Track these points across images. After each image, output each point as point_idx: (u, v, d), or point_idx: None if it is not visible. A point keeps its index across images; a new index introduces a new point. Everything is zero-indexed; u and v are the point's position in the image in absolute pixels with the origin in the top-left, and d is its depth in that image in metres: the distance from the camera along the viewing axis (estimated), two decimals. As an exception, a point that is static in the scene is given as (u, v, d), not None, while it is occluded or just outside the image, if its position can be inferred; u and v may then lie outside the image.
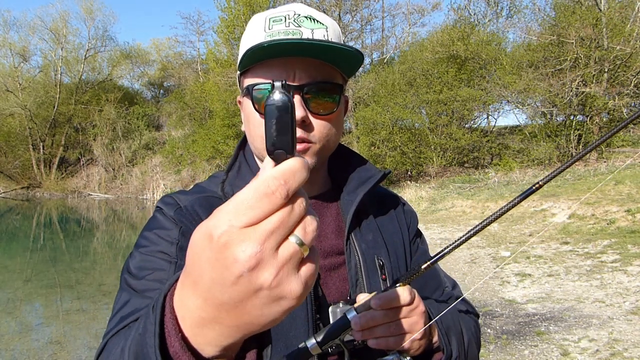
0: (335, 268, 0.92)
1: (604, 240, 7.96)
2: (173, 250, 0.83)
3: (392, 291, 0.78)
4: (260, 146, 0.87)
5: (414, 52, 22.22)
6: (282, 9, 0.86)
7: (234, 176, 0.95)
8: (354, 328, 0.76)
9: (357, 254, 0.91)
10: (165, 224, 0.87)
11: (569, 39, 15.80)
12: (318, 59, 0.83)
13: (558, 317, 5.20)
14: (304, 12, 0.86)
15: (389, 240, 0.98)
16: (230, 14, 26.17)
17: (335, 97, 0.87)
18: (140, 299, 0.76)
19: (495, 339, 4.72)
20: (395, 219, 1.04)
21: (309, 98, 0.84)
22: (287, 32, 0.83)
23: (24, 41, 35.77)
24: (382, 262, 0.93)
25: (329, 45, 0.80)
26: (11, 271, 10.10)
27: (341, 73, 0.89)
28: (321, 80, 0.84)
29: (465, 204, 12.96)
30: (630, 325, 4.80)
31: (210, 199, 0.90)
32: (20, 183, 32.83)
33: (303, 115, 0.82)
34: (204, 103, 29.25)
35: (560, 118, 17.78)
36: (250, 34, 0.88)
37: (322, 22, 0.86)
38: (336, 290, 0.89)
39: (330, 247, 0.92)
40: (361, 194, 0.94)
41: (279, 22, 0.84)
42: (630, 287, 5.96)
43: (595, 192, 10.38)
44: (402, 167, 20.31)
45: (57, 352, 5.43)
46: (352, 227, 0.93)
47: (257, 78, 0.85)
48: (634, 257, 6.95)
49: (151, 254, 0.84)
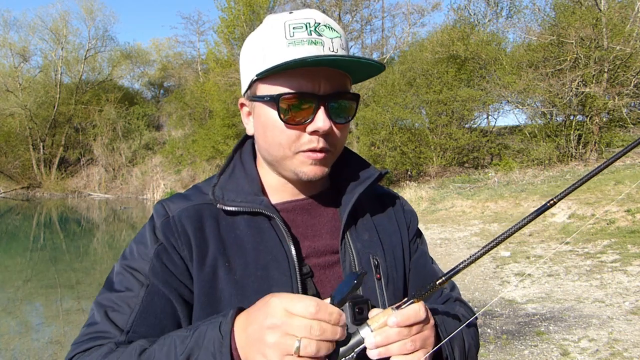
0: (330, 267, 0.93)
1: (604, 240, 7.96)
2: (146, 269, 0.87)
3: (409, 308, 0.77)
4: (281, 154, 0.88)
5: (413, 52, 22.20)
6: (301, 16, 0.86)
7: (225, 180, 0.95)
8: (368, 346, 0.75)
9: (352, 253, 0.92)
10: (146, 240, 0.90)
11: (568, 39, 15.79)
12: (342, 70, 0.86)
13: (558, 317, 5.20)
14: (323, 21, 0.86)
15: (385, 240, 0.99)
16: (230, 14, 26.21)
17: (353, 106, 0.90)
18: (109, 325, 0.84)
19: (495, 339, 4.72)
20: (394, 219, 1.04)
21: (332, 108, 0.86)
22: (310, 40, 0.83)
23: (24, 41, 35.84)
24: (377, 262, 0.94)
25: (360, 61, 0.82)
26: (11, 271, 10.10)
27: (350, 80, 0.91)
28: (342, 90, 0.87)
29: (465, 204, 12.97)
30: (630, 325, 4.80)
31: (199, 208, 0.91)
32: (20, 183, 32.83)
33: (329, 127, 0.85)
34: (204, 103, 29.28)
35: (560, 118, 17.77)
36: (267, 39, 0.86)
37: (337, 30, 0.87)
38: (331, 289, 0.89)
39: (326, 246, 0.94)
40: (357, 194, 0.95)
41: (300, 29, 0.84)
42: (630, 287, 5.96)
43: (595, 192, 10.39)
44: (402, 167, 20.31)
45: (57, 352, 5.43)
46: (347, 227, 0.94)
47: (282, 86, 0.84)
48: (634, 257, 6.95)
49: (128, 269, 0.89)
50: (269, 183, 0.97)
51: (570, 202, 10.02)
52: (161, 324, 0.84)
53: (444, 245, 9.35)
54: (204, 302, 0.86)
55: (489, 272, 7.30)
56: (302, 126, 0.85)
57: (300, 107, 0.84)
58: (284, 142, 0.86)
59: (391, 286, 0.95)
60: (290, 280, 0.87)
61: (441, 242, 9.65)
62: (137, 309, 0.84)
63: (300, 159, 0.87)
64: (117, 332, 0.83)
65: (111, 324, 0.84)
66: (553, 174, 14.88)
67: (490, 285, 6.69)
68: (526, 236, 9.17)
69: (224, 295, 0.86)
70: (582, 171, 14.22)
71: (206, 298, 0.86)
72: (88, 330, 0.85)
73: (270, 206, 0.91)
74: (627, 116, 16.25)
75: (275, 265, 0.87)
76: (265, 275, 0.87)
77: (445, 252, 8.77)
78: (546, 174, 15.00)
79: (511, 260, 7.81)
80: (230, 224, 0.91)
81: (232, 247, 0.89)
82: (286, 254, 0.88)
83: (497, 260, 7.93)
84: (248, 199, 0.91)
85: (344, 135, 0.91)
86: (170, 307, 0.85)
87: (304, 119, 0.84)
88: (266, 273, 0.87)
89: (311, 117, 0.84)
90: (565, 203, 10.15)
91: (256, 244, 0.89)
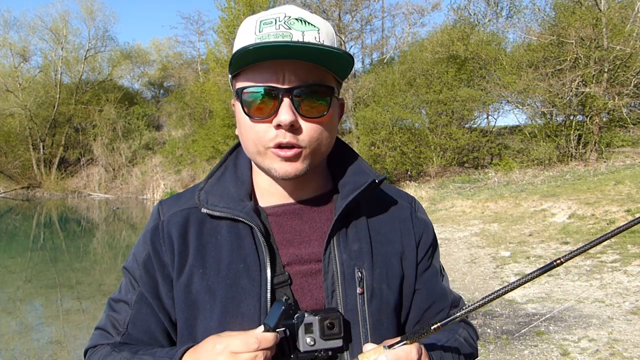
0: (313, 275, 0.90)
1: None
2: (137, 275, 0.94)
3: (401, 349, 0.76)
4: (253, 150, 0.87)
5: (413, 52, 22.21)
6: (274, 12, 0.85)
7: (212, 184, 0.95)
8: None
9: (336, 264, 0.88)
10: (140, 245, 0.96)
11: (568, 39, 15.79)
12: (308, 62, 0.81)
13: (558, 317, 5.20)
14: (295, 14, 0.84)
15: (379, 250, 0.93)
16: (230, 14, 26.18)
17: (326, 100, 0.85)
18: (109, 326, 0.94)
19: (495, 339, 4.72)
20: (398, 228, 0.97)
21: (298, 101, 0.82)
22: (277, 34, 0.81)
23: (24, 41, 35.79)
24: (361, 274, 0.89)
25: (317, 48, 0.79)
26: (11, 271, 10.10)
27: (334, 76, 0.87)
28: (312, 82, 0.83)
29: (465, 204, 12.96)
30: (630, 325, 4.80)
31: (187, 213, 0.93)
32: (20, 183, 32.82)
33: (292, 120, 0.81)
34: (204, 103, 29.27)
35: (560, 118, 17.78)
36: (241, 36, 0.86)
37: (314, 24, 0.84)
38: (311, 298, 0.88)
39: (311, 253, 0.90)
40: (347, 201, 0.90)
41: (269, 24, 0.83)
42: (630, 287, 5.96)
43: (595, 192, 10.39)
44: (402, 167, 20.31)
45: (57, 352, 5.44)
46: (334, 235, 0.90)
47: (247, 81, 0.84)
48: (634, 257, 6.95)
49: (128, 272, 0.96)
50: (260, 185, 0.95)
51: (570, 202, 10.02)
52: (149, 329, 0.92)
53: (444, 245, 9.35)
54: (182, 307, 0.89)
55: (489, 272, 7.30)
56: (268, 120, 0.82)
57: (263, 101, 0.82)
58: (254, 138, 0.85)
59: (376, 301, 0.89)
60: (259, 289, 0.85)
61: (441, 242, 9.65)
62: (130, 314, 0.92)
63: (270, 156, 0.84)
64: (115, 333, 0.93)
65: (111, 326, 0.94)
66: (553, 174, 14.88)
67: (490, 285, 6.69)
68: (526, 236, 9.17)
69: (199, 300, 0.87)
70: (582, 171, 14.22)
71: (184, 304, 0.88)
72: (99, 329, 0.97)
73: (252, 214, 0.88)
74: (627, 116, 16.26)
75: (246, 273, 0.86)
76: (234, 282, 0.86)
77: (446, 252, 8.77)
78: (546, 174, 15.00)
79: (511, 260, 7.81)
80: (214, 228, 0.91)
81: (210, 252, 0.89)
82: (259, 262, 0.87)
83: (497, 260, 7.93)
84: (230, 205, 0.89)
85: (319, 132, 0.85)
86: (155, 315, 0.91)
87: (268, 112, 0.82)
88: (236, 281, 0.86)
89: (275, 110, 0.81)
90: (565, 203, 10.15)
91: (231, 251, 0.88)
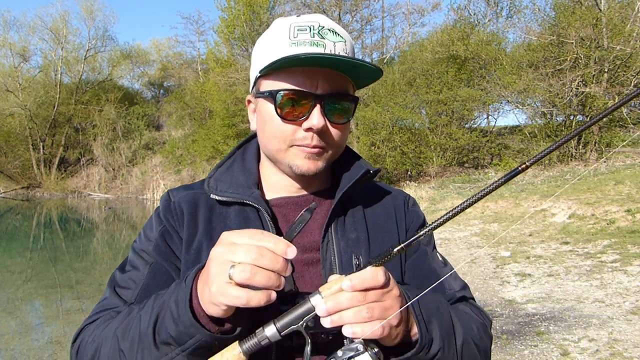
0: (313, 263, 0.93)
1: (604, 240, 7.95)
2: (150, 248, 0.95)
3: (365, 271, 0.71)
4: (276, 147, 0.92)
5: (413, 52, 22.21)
6: (307, 19, 0.90)
7: (222, 172, 1.01)
8: (319, 313, 0.69)
9: (334, 251, 0.92)
10: (152, 223, 0.99)
11: (568, 39, 15.79)
12: (340, 72, 0.88)
13: (558, 317, 5.20)
14: (327, 25, 0.90)
15: (376, 239, 0.97)
16: (230, 14, 26.18)
17: (350, 107, 0.92)
18: (116, 299, 0.93)
19: (495, 339, 4.72)
20: (394, 218, 1.03)
21: (328, 108, 0.89)
22: (312, 42, 0.87)
23: (24, 41, 35.86)
24: (358, 261, 0.91)
25: (352, 62, 0.84)
26: (11, 271, 10.10)
27: (353, 84, 0.94)
28: (340, 91, 0.90)
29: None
30: (630, 325, 4.80)
31: (197, 196, 0.99)
32: (20, 183, 32.83)
33: (323, 125, 0.88)
34: (204, 103, 29.27)
35: (560, 118, 17.79)
36: (273, 39, 0.91)
37: (342, 35, 0.91)
38: (312, 285, 0.90)
39: (312, 242, 0.94)
40: (342, 191, 0.96)
41: (304, 31, 0.88)
42: (630, 287, 5.96)
43: (595, 192, 10.39)
44: (402, 167, 20.31)
45: (57, 352, 5.43)
46: (331, 224, 0.95)
47: (281, 83, 0.88)
48: (634, 257, 6.95)
49: (136, 251, 0.98)
50: (268, 180, 1.01)
51: (570, 202, 10.02)
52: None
53: (444, 245, 9.35)
54: None
55: (489, 272, 7.30)
56: (298, 122, 0.89)
57: (297, 104, 0.88)
58: (280, 136, 0.90)
59: None
60: None
61: (441, 242, 9.65)
62: (141, 283, 0.93)
63: (294, 152, 0.91)
64: (122, 304, 0.92)
65: (118, 298, 0.93)
66: (553, 174, 14.88)
67: (490, 285, 6.69)
68: (526, 236, 9.17)
69: None
70: (582, 171, 14.21)
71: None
72: (98, 305, 0.95)
73: (260, 199, 0.94)
74: (627, 116, 16.25)
75: None
76: None
77: (446, 252, 8.77)
78: (546, 174, 15.00)
79: (511, 260, 7.81)
80: (222, 214, 0.96)
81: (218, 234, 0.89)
82: None
83: (497, 260, 7.93)
84: (239, 190, 0.95)
85: (342, 136, 0.93)
86: (172, 281, 0.89)
87: (300, 115, 0.88)
88: None
89: (307, 114, 0.88)
90: (565, 203, 10.14)
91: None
